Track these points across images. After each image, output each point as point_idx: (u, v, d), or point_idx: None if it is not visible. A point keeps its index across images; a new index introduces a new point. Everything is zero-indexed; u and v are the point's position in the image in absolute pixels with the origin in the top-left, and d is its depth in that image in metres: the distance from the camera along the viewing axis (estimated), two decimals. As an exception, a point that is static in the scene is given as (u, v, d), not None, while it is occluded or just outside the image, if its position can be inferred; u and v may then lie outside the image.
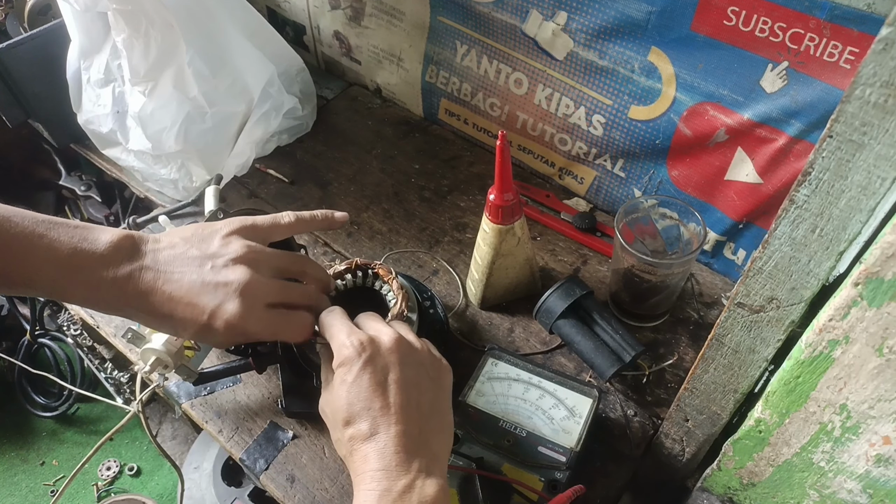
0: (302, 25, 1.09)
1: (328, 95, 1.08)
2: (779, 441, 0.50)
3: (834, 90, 0.60)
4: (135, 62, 0.82)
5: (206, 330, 0.50)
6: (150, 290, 0.50)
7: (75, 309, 0.82)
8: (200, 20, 0.83)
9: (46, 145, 1.06)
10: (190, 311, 0.50)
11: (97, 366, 1.18)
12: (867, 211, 0.35)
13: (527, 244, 0.73)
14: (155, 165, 0.89)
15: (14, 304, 1.43)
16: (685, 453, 0.62)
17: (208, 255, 0.51)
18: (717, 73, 0.68)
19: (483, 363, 0.66)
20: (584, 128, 0.83)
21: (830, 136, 0.34)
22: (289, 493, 0.65)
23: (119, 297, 0.49)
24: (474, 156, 0.97)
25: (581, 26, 0.75)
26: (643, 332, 0.75)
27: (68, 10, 0.83)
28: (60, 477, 1.46)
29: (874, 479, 0.46)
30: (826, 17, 0.57)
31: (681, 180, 0.78)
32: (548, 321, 0.71)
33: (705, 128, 0.71)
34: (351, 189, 0.93)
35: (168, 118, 0.84)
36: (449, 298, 0.80)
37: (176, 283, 0.50)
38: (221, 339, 0.52)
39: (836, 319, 0.39)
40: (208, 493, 1.20)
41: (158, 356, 0.62)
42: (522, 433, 0.61)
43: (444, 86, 0.96)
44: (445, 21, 0.89)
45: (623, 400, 0.70)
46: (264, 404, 0.71)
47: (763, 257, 0.41)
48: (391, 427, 0.47)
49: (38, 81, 0.92)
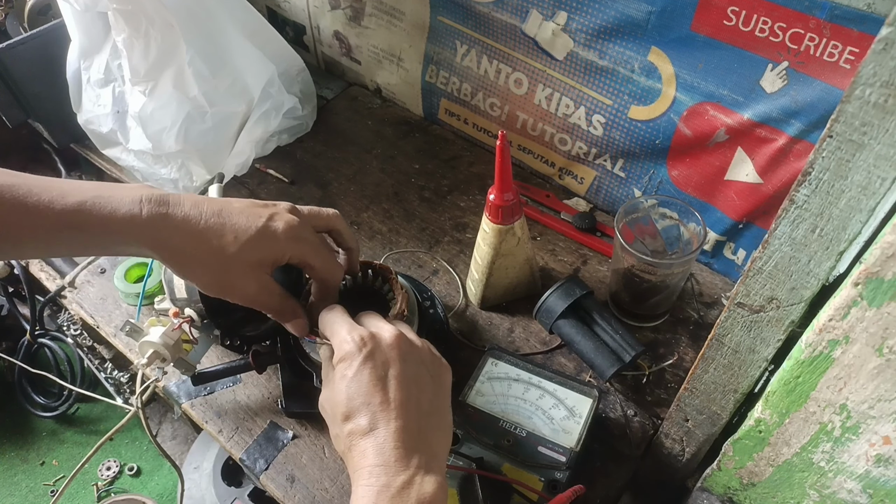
0: (302, 25, 1.09)
1: (328, 95, 1.08)
2: (779, 441, 0.50)
3: (834, 90, 0.60)
4: (135, 62, 0.82)
5: (265, 231, 0.51)
6: (193, 206, 0.50)
7: (75, 309, 0.82)
8: (200, 20, 0.83)
9: (46, 145, 1.06)
10: (245, 218, 0.51)
11: (97, 366, 1.18)
12: (867, 211, 0.35)
13: (527, 244, 0.73)
14: (155, 165, 0.89)
15: (14, 304, 1.43)
16: (685, 453, 0.62)
17: (245, 201, 0.54)
18: (717, 73, 0.68)
19: (483, 363, 0.66)
20: (584, 128, 0.83)
21: (830, 136, 0.34)
22: (289, 493, 0.65)
23: (154, 214, 0.49)
24: (474, 156, 0.97)
25: (581, 26, 0.75)
26: (643, 332, 0.75)
27: (68, 10, 0.83)
28: (60, 477, 1.46)
29: (874, 479, 0.46)
30: (826, 17, 0.57)
31: (681, 180, 0.78)
32: (548, 321, 0.71)
33: (705, 128, 0.71)
34: (351, 189, 0.93)
35: (168, 118, 0.84)
36: (449, 298, 0.80)
37: (222, 202, 0.52)
38: (279, 244, 0.52)
39: (836, 319, 0.39)
40: (208, 493, 1.20)
41: (156, 349, 0.62)
42: (522, 433, 0.61)
43: (444, 86, 0.96)
44: (445, 21, 0.89)
45: (623, 400, 0.70)
46: (264, 404, 0.71)
47: (763, 257, 0.41)
48: (390, 422, 0.47)
49: (38, 81, 0.92)
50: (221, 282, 0.52)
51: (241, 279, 0.52)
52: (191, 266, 0.51)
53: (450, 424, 0.52)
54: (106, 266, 0.85)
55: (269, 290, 0.54)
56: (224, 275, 0.51)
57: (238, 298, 0.53)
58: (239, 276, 0.52)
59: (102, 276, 0.84)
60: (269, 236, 0.51)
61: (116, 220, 0.48)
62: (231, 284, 0.52)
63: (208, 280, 0.52)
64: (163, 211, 0.49)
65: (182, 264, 0.51)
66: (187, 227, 0.49)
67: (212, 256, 0.50)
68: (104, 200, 0.48)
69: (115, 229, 0.48)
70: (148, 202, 0.48)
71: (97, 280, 0.84)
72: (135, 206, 0.48)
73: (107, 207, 0.47)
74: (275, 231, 0.52)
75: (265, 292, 0.53)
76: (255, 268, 0.52)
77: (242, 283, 0.52)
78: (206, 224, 0.50)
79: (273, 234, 0.51)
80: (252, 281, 0.52)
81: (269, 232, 0.51)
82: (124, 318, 0.79)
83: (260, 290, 0.53)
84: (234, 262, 0.51)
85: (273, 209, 0.53)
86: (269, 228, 0.51)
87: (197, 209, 0.50)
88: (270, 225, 0.52)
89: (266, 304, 0.55)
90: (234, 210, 0.52)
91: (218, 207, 0.51)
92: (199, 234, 0.50)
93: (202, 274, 0.52)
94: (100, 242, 0.49)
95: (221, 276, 0.52)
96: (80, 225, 0.47)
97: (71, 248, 0.50)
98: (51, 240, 0.48)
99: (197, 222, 0.50)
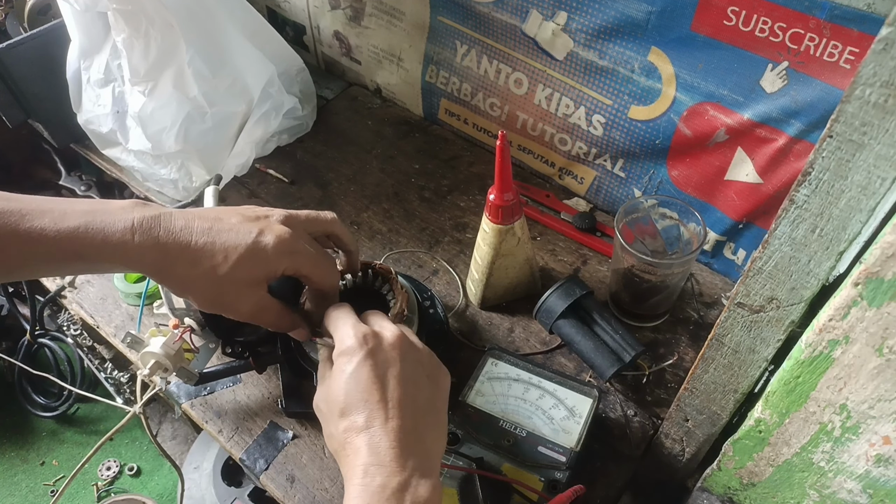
0: (302, 25, 1.09)
1: (328, 95, 1.08)
2: (779, 441, 0.50)
3: (834, 90, 0.60)
4: (135, 62, 0.82)
5: (254, 248, 0.51)
6: (183, 227, 0.50)
7: (75, 309, 0.82)
8: (200, 20, 0.83)
9: (46, 145, 1.06)
10: (234, 235, 0.51)
11: (97, 366, 1.18)
12: (867, 211, 0.35)
13: (527, 244, 0.73)
14: (155, 165, 0.89)
15: (14, 304, 1.43)
16: (685, 453, 0.62)
17: (240, 211, 0.54)
18: (717, 73, 0.68)
19: (483, 363, 0.66)
20: (584, 128, 0.83)
21: (830, 136, 0.34)
22: (289, 493, 0.65)
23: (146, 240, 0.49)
24: (474, 156, 0.97)
25: (581, 26, 0.75)
26: (643, 332, 0.75)
27: (68, 10, 0.83)
28: (60, 477, 1.46)
29: (874, 479, 0.46)
30: (826, 17, 0.57)
31: (681, 180, 0.78)
32: (548, 321, 0.71)
33: (705, 128, 0.71)
34: (351, 189, 0.93)
35: (168, 118, 0.84)
36: (449, 298, 0.80)
37: (212, 219, 0.51)
38: (270, 260, 0.51)
39: (836, 319, 0.39)
40: (208, 493, 1.20)
41: (157, 359, 0.62)
42: (522, 433, 0.61)
43: (444, 86, 0.96)
44: (445, 21, 0.89)
45: (623, 400, 0.70)
46: (264, 404, 0.71)
47: (763, 257, 0.41)
48: (387, 421, 0.47)
49: (38, 81, 0.92)
50: (216, 301, 0.52)
51: (235, 298, 0.52)
52: (185, 287, 0.52)
53: (444, 426, 0.52)
54: (106, 266, 0.85)
55: (265, 308, 0.54)
56: (218, 295, 0.52)
57: (234, 315, 0.54)
58: (233, 295, 0.52)
59: (102, 277, 0.84)
60: (258, 253, 0.51)
61: (109, 247, 0.48)
62: (226, 303, 0.53)
63: (203, 299, 0.52)
64: (154, 235, 0.49)
65: (176, 286, 0.52)
66: (177, 251, 0.50)
67: (203, 278, 0.50)
68: (97, 227, 0.48)
69: (107, 257, 0.49)
70: (140, 227, 0.49)
71: (97, 280, 0.84)
72: (126, 233, 0.48)
73: (99, 236, 0.48)
74: (265, 247, 0.51)
75: (261, 310, 0.54)
76: (250, 285, 0.52)
77: (237, 302, 0.53)
78: (196, 245, 0.50)
79: (263, 251, 0.51)
80: (246, 299, 0.52)
81: (259, 249, 0.51)
82: (124, 318, 0.79)
83: (255, 307, 0.53)
84: (226, 283, 0.51)
85: (264, 223, 0.53)
86: (258, 245, 0.51)
87: (187, 230, 0.50)
88: (260, 241, 0.51)
89: (263, 321, 0.55)
90: (224, 227, 0.51)
91: (208, 225, 0.51)
92: (190, 257, 0.50)
93: (197, 294, 0.52)
94: (94, 268, 0.50)
95: (215, 297, 0.52)
96: (73, 254, 0.48)
97: (63, 272, 0.51)
98: (42, 267, 0.49)
99: (187, 244, 0.50)
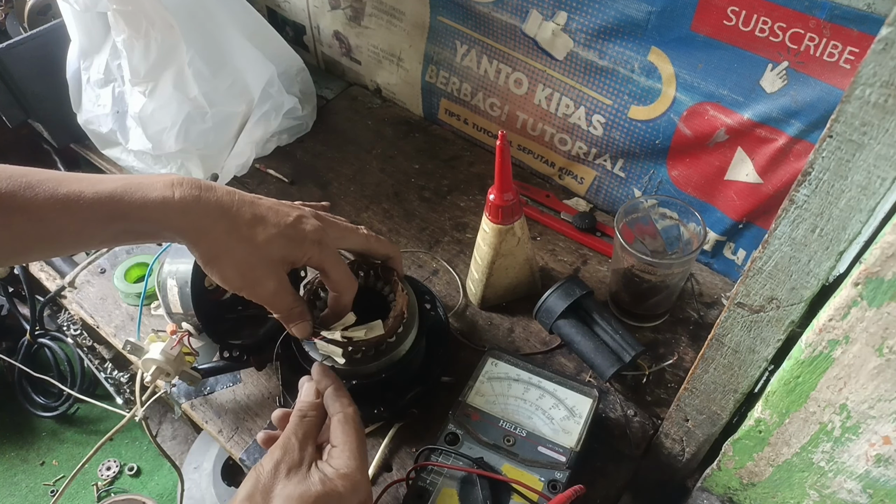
0: (302, 25, 1.09)
1: (328, 95, 1.08)
2: (779, 441, 0.50)
3: (834, 90, 0.60)
4: (135, 62, 0.82)
5: (293, 229, 0.52)
6: (228, 192, 0.51)
7: (75, 309, 0.82)
8: (200, 20, 0.83)
9: (46, 145, 1.06)
10: (275, 213, 0.52)
11: (97, 366, 1.18)
12: (867, 211, 0.35)
13: (527, 244, 0.73)
14: (155, 165, 0.89)
15: (14, 304, 1.43)
16: (685, 453, 0.62)
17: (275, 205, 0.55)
18: (717, 73, 0.68)
19: (483, 363, 0.66)
20: (584, 128, 0.83)
21: (830, 136, 0.34)
22: (289, 493, 0.64)
23: (187, 195, 0.49)
24: (474, 156, 0.97)
25: (581, 26, 0.75)
26: (643, 332, 0.75)
27: (68, 10, 0.83)
28: (60, 477, 1.46)
29: (874, 479, 0.46)
30: (826, 17, 0.57)
31: (681, 180, 0.78)
32: (548, 321, 0.71)
33: (705, 128, 0.71)
34: (351, 189, 0.93)
35: (168, 118, 0.84)
36: (449, 298, 0.80)
37: (254, 196, 0.53)
38: (304, 245, 0.52)
39: (836, 319, 0.39)
40: (208, 493, 1.20)
41: (158, 365, 0.62)
42: (522, 433, 0.61)
43: (444, 86, 0.96)
44: (445, 21, 0.89)
45: (623, 400, 0.70)
46: (264, 404, 0.71)
47: (763, 257, 0.41)
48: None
49: (38, 81, 0.92)
50: (246, 274, 0.52)
51: (264, 273, 0.52)
52: (217, 253, 0.51)
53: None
54: (106, 266, 0.85)
55: (286, 290, 0.54)
56: (249, 268, 0.51)
57: (256, 295, 0.53)
58: (262, 269, 0.52)
59: (102, 276, 0.84)
60: (296, 236, 0.52)
61: (149, 204, 0.47)
62: (254, 278, 0.52)
63: (232, 273, 0.51)
64: (195, 194, 0.49)
65: (209, 251, 0.51)
66: (220, 211, 0.50)
67: (241, 244, 0.50)
68: (135, 188, 0.48)
69: (148, 215, 0.48)
70: (180, 185, 0.49)
71: (97, 280, 0.84)
72: (167, 189, 0.48)
73: (138, 193, 0.47)
74: (303, 231, 0.52)
75: (282, 291, 0.54)
76: (278, 264, 0.52)
77: (265, 278, 0.52)
78: (239, 211, 0.50)
79: (301, 234, 0.52)
80: (273, 278, 0.53)
81: (297, 231, 0.52)
82: (124, 318, 0.79)
83: (278, 288, 0.53)
84: (260, 255, 0.51)
85: (301, 211, 0.54)
86: (297, 228, 0.52)
87: (230, 196, 0.51)
88: (299, 225, 0.52)
89: (279, 304, 0.55)
90: (266, 204, 0.52)
91: (250, 198, 0.52)
92: (231, 220, 0.50)
93: (227, 263, 0.51)
94: (133, 229, 0.49)
95: (246, 269, 0.51)
96: (113, 212, 0.47)
97: (104, 237, 0.49)
98: (82, 231, 0.47)
99: (230, 207, 0.50)
